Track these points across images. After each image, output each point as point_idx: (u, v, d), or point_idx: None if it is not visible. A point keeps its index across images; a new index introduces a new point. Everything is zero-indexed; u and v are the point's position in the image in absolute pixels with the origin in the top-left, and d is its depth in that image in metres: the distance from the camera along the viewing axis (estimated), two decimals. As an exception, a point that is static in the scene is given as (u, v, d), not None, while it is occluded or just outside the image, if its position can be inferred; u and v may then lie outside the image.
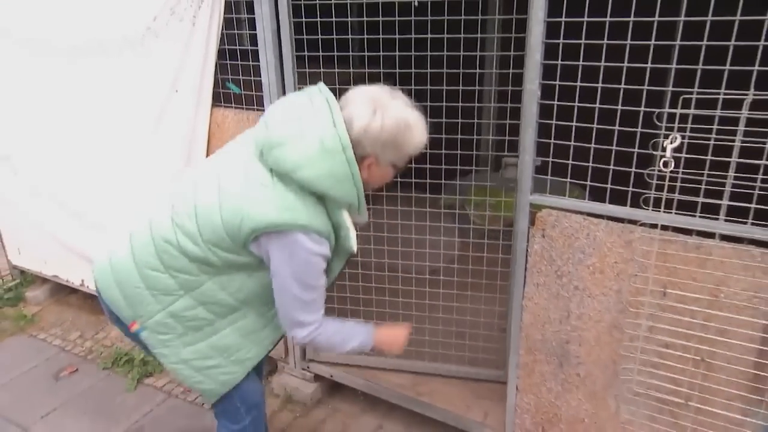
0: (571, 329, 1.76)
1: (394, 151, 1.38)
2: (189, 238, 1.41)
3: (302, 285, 1.40)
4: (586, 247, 1.66)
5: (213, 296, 1.48)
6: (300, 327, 1.46)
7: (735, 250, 1.43)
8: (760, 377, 1.48)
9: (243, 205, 1.34)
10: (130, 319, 1.52)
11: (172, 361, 1.55)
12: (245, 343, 1.58)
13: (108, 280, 1.53)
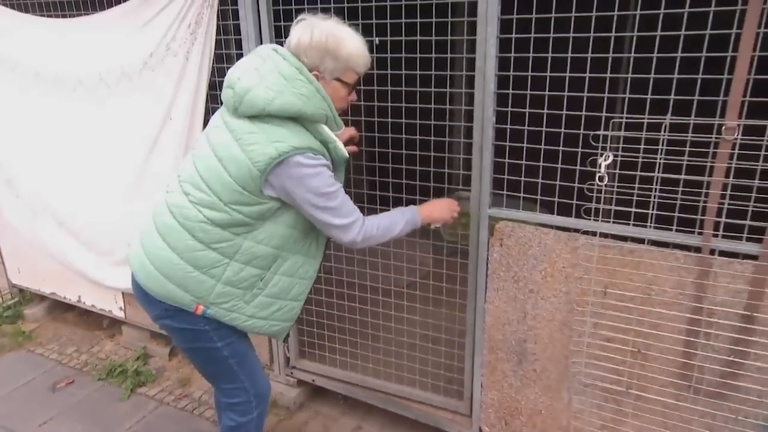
0: (527, 328, 1.89)
1: (331, 60, 1.49)
2: (212, 209, 1.51)
3: (323, 196, 1.49)
4: (538, 254, 1.80)
5: (252, 252, 1.56)
6: (346, 230, 1.54)
7: (662, 254, 1.58)
8: (687, 365, 1.62)
9: (243, 156, 1.45)
10: (193, 304, 1.57)
11: (243, 320, 1.63)
12: (294, 281, 1.67)
13: (157, 279, 1.57)
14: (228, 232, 1.54)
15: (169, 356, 3.06)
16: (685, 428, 1.68)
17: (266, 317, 1.66)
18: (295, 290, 1.69)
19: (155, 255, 1.58)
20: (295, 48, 1.49)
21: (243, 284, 1.60)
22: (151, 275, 1.58)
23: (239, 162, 1.46)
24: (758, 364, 1.53)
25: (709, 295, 1.54)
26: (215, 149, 1.51)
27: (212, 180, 1.50)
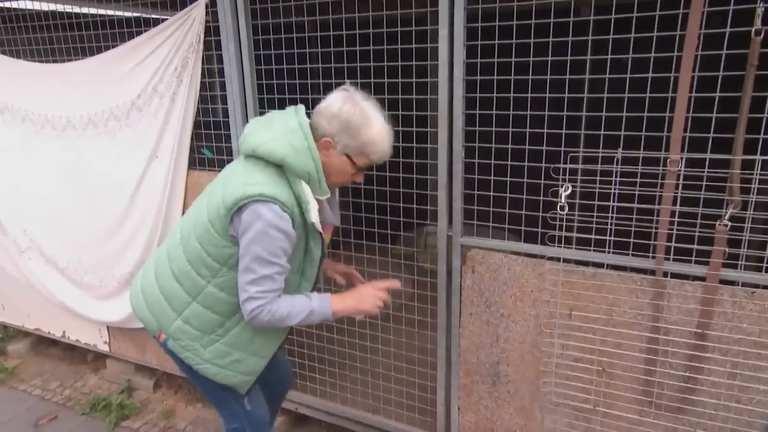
0: (500, 351, 1.93)
1: (347, 136, 1.45)
2: (188, 242, 1.53)
3: (258, 258, 1.41)
4: (508, 279, 1.85)
5: (215, 298, 1.54)
6: (251, 301, 1.44)
7: (621, 277, 1.65)
8: (648, 382, 1.67)
9: (220, 193, 1.47)
10: (156, 331, 1.62)
11: (198, 363, 1.60)
12: (257, 336, 1.62)
13: (140, 303, 1.65)
14: (194, 272, 1.54)
15: (153, 388, 3.02)
16: (650, 443, 1.72)
17: (223, 366, 1.61)
18: (256, 344, 1.63)
19: (145, 278, 1.67)
20: (323, 110, 1.47)
21: (201, 327, 1.58)
22: (137, 297, 1.67)
23: (216, 198, 1.48)
24: (712, 379, 1.59)
25: (664, 314, 1.60)
26: (212, 185, 1.57)
27: (197, 212, 1.55)
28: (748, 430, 1.57)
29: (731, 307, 1.52)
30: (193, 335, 1.60)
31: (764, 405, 1.53)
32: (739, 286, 1.50)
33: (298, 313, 1.50)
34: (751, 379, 1.53)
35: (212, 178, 2.38)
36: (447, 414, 2.14)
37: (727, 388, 1.57)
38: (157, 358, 2.88)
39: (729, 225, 1.47)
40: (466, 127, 1.83)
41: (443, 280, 1.98)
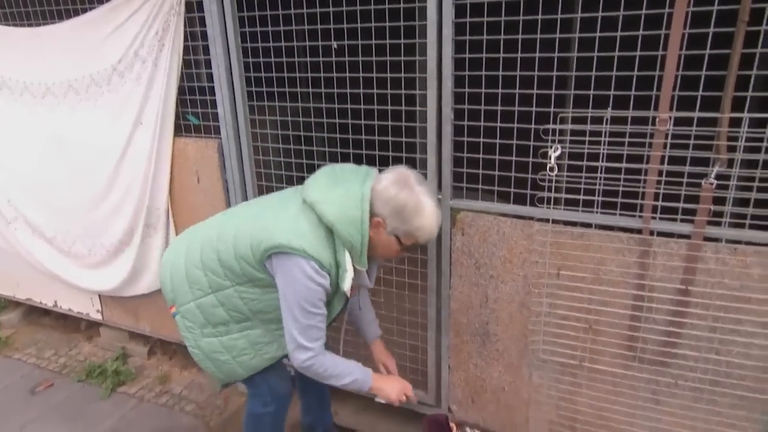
0: (489, 311, 1.95)
1: (399, 221, 1.49)
2: (225, 247, 1.59)
3: (301, 308, 1.50)
4: (497, 241, 1.86)
5: (232, 301, 1.63)
6: (300, 350, 1.54)
7: (608, 236, 1.66)
8: (633, 337, 1.71)
9: (267, 227, 1.51)
10: (170, 303, 1.73)
11: (191, 345, 1.73)
12: (250, 350, 1.71)
13: (165, 272, 1.73)
14: (222, 271, 1.61)
15: (148, 355, 3.03)
16: (633, 395, 1.77)
17: (210, 359, 1.72)
18: (246, 357, 1.72)
19: (174, 253, 1.73)
20: (380, 192, 1.49)
21: (208, 317, 1.68)
22: (163, 267, 1.74)
23: (264, 227, 1.52)
24: (694, 333, 1.62)
25: (649, 272, 1.62)
26: (266, 202, 1.65)
27: (242, 224, 1.58)
28: (726, 380, 1.62)
29: (714, 264, 1.54)
30: (198, 321, 1.69)
31: (743, 356, 1.58)
32: (722, 242, 1.52)
33: (347, 375, 1.62)
34: (731, 332, 1.57)
35: (199, 146, 2.37)
36: (438, 373, 2.18)
37: (708, 341, 1.61)
38: (151, 326, 2.88)
39: (715, 183, 1.47)
40: (455, 88, 1.80)
41: (433, 243, 1.98)
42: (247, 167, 2.31)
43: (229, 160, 2.33)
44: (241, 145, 2.29)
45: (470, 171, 1.84)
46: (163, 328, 2.83)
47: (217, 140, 2.33)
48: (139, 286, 2.71)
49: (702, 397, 1.67)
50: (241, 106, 2.21)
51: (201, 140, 2.37)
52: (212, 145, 2.34)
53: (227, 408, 2.58)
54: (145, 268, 2.65)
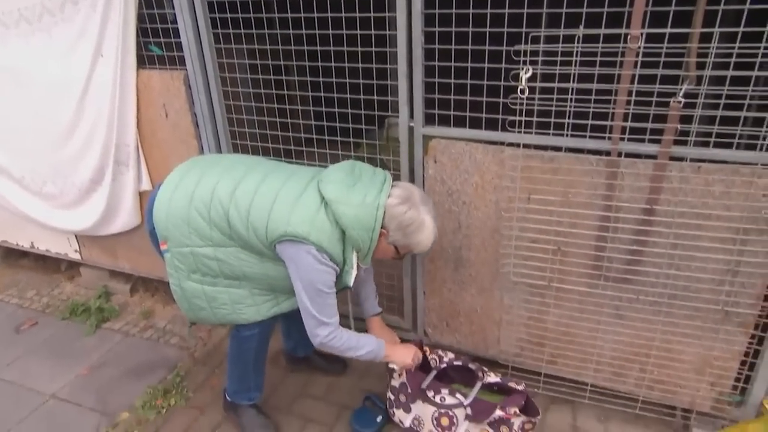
0: (462, 237, 1.97)
1: (401, 235, 1.59)
2: (238, 214, 1.59)
3: (316, 290, 1.57)
4: (470, 167, 1.85)
5: (228, 259, 1.65)
6: (321, 326, 1.62)
7: (578, 159, 1.66)
8: (598, 257, 1.75)
9: (288, 215, 1.53)
10: (163, 239, 1.69)
11: (174, 283, 1.75)
12: (229, 307, 1.74)
13: (164, 204, 1.67)
14: (229, 231, 1.62)
15: (130, 292, 3.04)
16: (597, 311, 1.84)
17: (188, 302, 1.76)
18: (222, 311, 1.75)
19: (178, 192, 1.66)
20: (391, 206, 1.56)
21: (199, 265, 1.68)
22: (161, 201, 1.68)
23: (284, 214, 1.53)
24: (656, 250, 1.66)
25: (616, 193, 1.64)
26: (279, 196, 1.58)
27: (255, 212, 1.57)
28: (684, 293, 1.69)
29: (678, 183, 1.56)
30: (189, 266, 1.70)
31: (701, 270, 1.63)
32: (687, 161, 1.53)
33: (363, 347, 1.72)
34: (691, 248, 1.62)
35: (164, 77, 2.26)
36: (413, 298, 2.23)
37: (669, 258, 1.65)
38: (130, 264, 2.87)
39: (683, 102, 1.46)
40: (425, 10, 1.72)
41: (406, 172, 1.96)
42: (216, 100, 2.23)
43: (197, 93, 2.24)
44: (208, 76, 2.19)
45: (442, 97, 1.79)
46: (142, 265, 2.82)
47: (183, 71, 2.22)
48: (114, 225, 2.66)
49: (661, 311, 1.74)
50: (205, 34, 2.09)
51: (166, 72, 2.26)
52: (178, 76, 2.23)
53: (210, 339, 2.63)
54: (119, 206, 2.59)
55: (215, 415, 2.14)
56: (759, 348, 1.67)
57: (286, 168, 1.73)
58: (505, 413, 1.81)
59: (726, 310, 1.65)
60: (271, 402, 2.18)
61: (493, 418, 1.82)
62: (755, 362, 1.70)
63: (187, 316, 1.82)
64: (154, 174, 2.50)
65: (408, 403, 1.99)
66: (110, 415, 2.19)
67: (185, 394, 2.26)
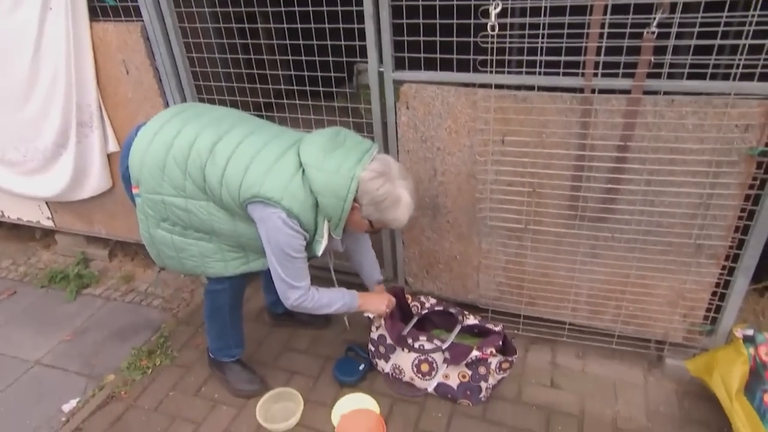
0: (438, 185, 1.94)
1: (374, 210, 1.54)
2: (214, 169, 1.53)
3: (285, 254, 1.54)
4: (442, 112, 1.79)
5: (199, 213, 1.61)
6: (292, 290, 1.62)
7: (551, 98, 1.61)
8: (574, 197, 1.73)
9: (263, 177, 1.48)
10: (135, 182, 1.64)
11: (143, 229, 1.72)
12: (198, 259, 1.72)
13: (141, 148, 1.61)
14: (203, 183, 1.57)
15: (109, 257, 2.98)
16: (573, 251, 1.84)
17: (156, 247, 1.74)
18: (190, 263, 1.74)
19: (159, 138, 1.60)
20: (364, 181, 1.50)
21: (171, 215, 1.64)
22: (139, 146, 1.62)
23: (259, 176, 1.48)
24: (630, 188, 1.65)
25: (591, 131, 1.60)
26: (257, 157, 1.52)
27: (238, 160, 1.52)
28: (657, 229, 1.69)
29: (653, 117, 1.52)
30: (160, 214, 1.66)
31: (674, 205, 1.63)
32: (661, 95, 1.49)
33: (335, 303, 1.72)
34: (665, 184, 1.60)
35: (121, 30, 2.12)
36: (393, 248, 2.21)
37: (643, 195, 1.64)
38: (106, 228, 2.80)
39: (656, 33, 1.41)
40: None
41: (378, 119, 1.90)
42: (178, 53, 2.11)
43: (156, 46, 2.12)
44: (167, 27, 2.06)
45: (411, 39, 1.71)
46: (118, 230, 2.76)
47: (140, 23, 2.09)
48: (84, 189, 2.58)
49: (635, 247, 1.74)
50: (159, -19, 1.96)
51: (122, 24, 2.13)
52: (135, 29, 2.11)
53: (193, 300, 2.61)
54: (88, 170, 2.50)
55: (201, 373, 2.14)
56: (729, 278, 1.70)
57: (271, 129, 1.67)
58: (482, 353, 1.83)
59: (698, 243, 1.66)
60: (256, 357, 2.19)
61: (470, 359, 1.84)
62: (725, 293, 1.73)
63: (155, 261, 1.81)
64: (121, 135, 2.40)
65: (387, 354, 2.01)
66: (96, 378, 2.18)
67: (170, 354, 2.25)
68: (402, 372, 1.98)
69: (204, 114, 1.67)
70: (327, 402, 1.96)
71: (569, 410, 1.86)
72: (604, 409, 1.86)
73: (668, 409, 1.85)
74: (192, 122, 1.62)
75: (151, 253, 1.78)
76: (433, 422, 1.86)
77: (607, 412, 1.85)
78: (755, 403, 1.62)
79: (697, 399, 1.87)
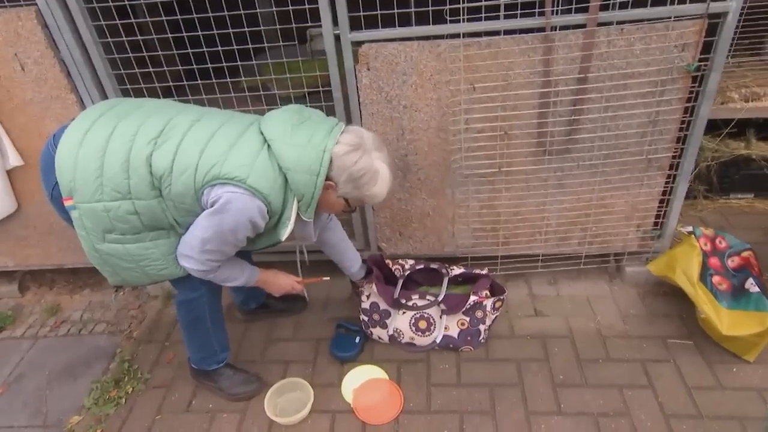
0: (407, 143, 1.91)
1: (352, 188, 1.41)
2: (162, 157, 1.34)
3: (221, 237, 1.38)
4: (406, 68, 1.76)
5: (152, 211, 1.40)
6: (194, 261, 1.45)
7: (514, 39, 1.66)
8: (541, 134, 1.82)
9: (224, 154, 1.32)
10: (67, 193, 1.39)
11: (87, 247, 1.47)
12: (161, 260, 1.50)
13: (70, 152, 1.36)
14: (150, 177, 1.35)
15: (20, 291, 2.55)
16: (543, 185, 1.95)
17: (110, 264, 1.50)
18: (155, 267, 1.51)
19: (96, 135, 1.37)
20: (337, 156, 1.37)
21: (117, 224, 1.41)
22: (68, 144, 1.37)
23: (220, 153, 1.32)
24: (590, 117, 1.78)
25: (553, 68, 1.69)
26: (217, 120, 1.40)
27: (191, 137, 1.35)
28: (615, 151, 1.85)
29: (606, 47, 1.64)
30: (102, 226, 1.42)
31: (627, 127, 1.79)
32: (614, 24, 1.61)
33: (234, 279, 1.58)
34: (619, 108, 1.75)
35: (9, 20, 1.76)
36: (362, 216, 2.16)
37: (602, 121, 1.78)
38: (14, 258, 2.37)
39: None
40: None
41: (337, 85, 1.81)
42: (89, 39, 1.81)
43: (58, 33, 1.79)
44: (70, 10, 1.75)
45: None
46: (32, 257, 2.35)
47: (33, 7, 1.75)
48: (-20, 217, 2.15)
49: (597, 171, 1.89)
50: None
51: (8, 11, 1.77)
52: (27, 15, 1.76)
53: (146, 314, 2.33)
54: (-17, 193, 2.08)
55: (185, 388, 1.94)
56: (673, 185, 1.92)
57: (223, 112, 1.51)
58: (479, 297, 1.89)
59: (649, 158, 1.85)
60: (241, 357, 2.03)
61: (468, 305, 1.89)
62: (670, 198, 1.95)
63: (110, 280, 1.56)
64: (23, 144, 2.03)
65: (383, 320, 1.98)
66: (55, 425, 1.88)
67: (141, 377, 2.01)
68: (401, 334, 1.97)
69: (141, 106, 1.46)
70: (333, 382, 1.90)
71: (559, 332, 2.00)
72: (587, 323, 2.03)
73: (636, 309, 2.07)
74: (129, 116, 1.41)
75: (104, 271, 1.53)
76: (443, 374, 1.89)
77: (590, 326, 2.02)
78: (708, 287, 1.87)
79: (654, 296, 2.12)
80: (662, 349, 1.88)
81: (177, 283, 1.68)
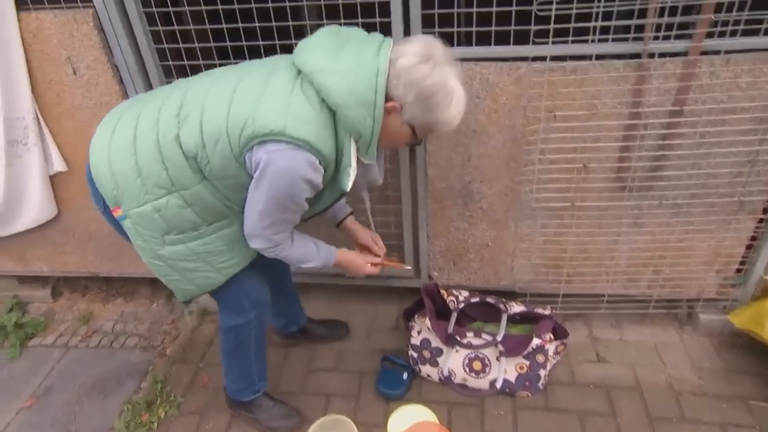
0: (472, 170, 1.77)
1: (421, 109, 1.15)
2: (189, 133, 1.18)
3: (279, 204, 1.20)
4: (480, 91, 1.61)
5: (203, 198, 1.26)
6: (262, 240, 1.29)
7: (603, 66, 1.51)
8: (622, 168, 1.66)
9: (254, 107, 1.12)
10: (114, 203, 1.27)
11: (149, 257, 1.34)
12: (228, 251, 1.37)
13: (102, 156, 1.25)
14: (186, 162, 1.21)
15: (53, 296, 2.46)
16: (617, 223, 1.77)
17: (177, 269, 1.36)
18: (223, 260, 1.38)
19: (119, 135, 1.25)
20: (402, 70, 1.11)
21: (173, 222, 1.29)
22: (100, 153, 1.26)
23: (248, 107, 1.12)
24: (680, 153, 1.61)
25: (644, 99, 1.53)
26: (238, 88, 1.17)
27: (213, 100, 1.17)
28: (702, 191, 1.67)
29: (708, 78, 1.48)
30: (159, 228, 1.28)
31: (720, 166, 1.61)
32: (722, 54, 1.44)
33: (309, 260, 1.41)
34: (714, 145, 1.58)
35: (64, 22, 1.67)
36: (415, 244, 2.01)
37: (692, 158, 1.61)
38: (50, 265, 2.28)
39: (716, -10, 1.34)
40: None
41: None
42: (144, 44, 1.70)
43: (114, 38, 1.70)
44: (128, 13, 1.65)
45: (443, 11, 1.51)
46: (69, 264, 2.26)
47: (90, 9, 1.66)
48: (19, 221, 2.07)
49: (680, 212, 1.72)
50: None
51: (64, 13, 1.68)
52: (83, 17, 1.67)
53: (179, 330, 2.22)
54: (24, 197, 2.00)
55: (220, 417, 1.81)
56: (766, 230, 1.73)
57: (240, 65, 1.31)
58: (542, 340, 1.73)
59: (741, 200, 1.66)
60: (279, 387, 1.89)
61: (531, 348, 1.73)
62: (759, 244, 1.76)
63: (180, 293, 1.42)
64: (69, 149, 1.94)
65: (434, 358, 1.83)
66: (85, 447, 1.77)
67: (174, 400, 1.88)
68: (453, 374, 1.82)
69: (156, 91, 1.34)
70: (378, 422, 1.75)
71: (626, 383, 1.82)
72: (656, 375, 1.84)
73: (712, 363, 1.87)
74: (148, 103, 1.27)
75: (172, 284, 1.39)
76: (497, 422, 1.73)
77: (660, 377, 1.83)
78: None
79: (730, 349, 1.92)
80: (745, 413, 1.69)
81: (223, 308, 1.55)
